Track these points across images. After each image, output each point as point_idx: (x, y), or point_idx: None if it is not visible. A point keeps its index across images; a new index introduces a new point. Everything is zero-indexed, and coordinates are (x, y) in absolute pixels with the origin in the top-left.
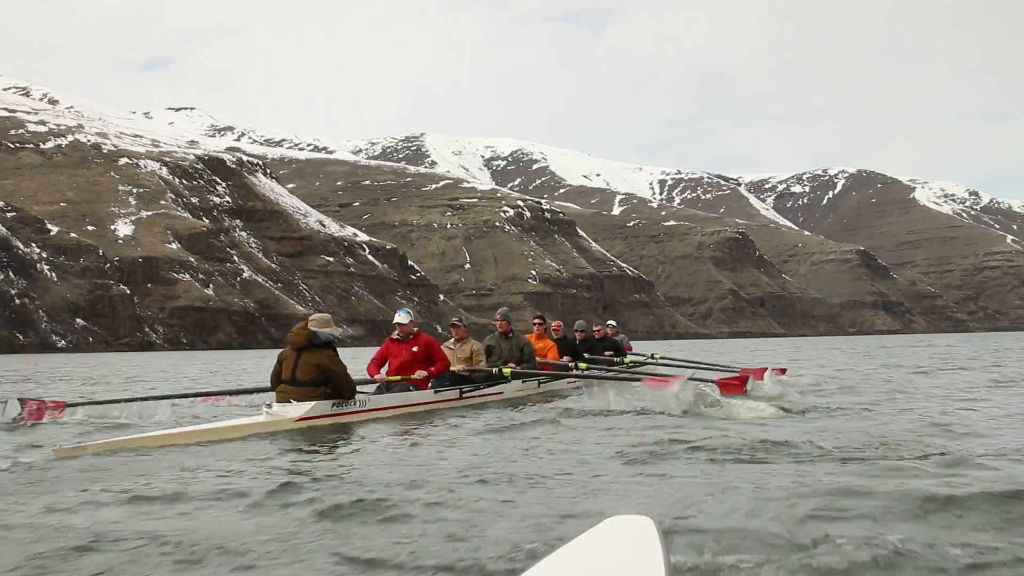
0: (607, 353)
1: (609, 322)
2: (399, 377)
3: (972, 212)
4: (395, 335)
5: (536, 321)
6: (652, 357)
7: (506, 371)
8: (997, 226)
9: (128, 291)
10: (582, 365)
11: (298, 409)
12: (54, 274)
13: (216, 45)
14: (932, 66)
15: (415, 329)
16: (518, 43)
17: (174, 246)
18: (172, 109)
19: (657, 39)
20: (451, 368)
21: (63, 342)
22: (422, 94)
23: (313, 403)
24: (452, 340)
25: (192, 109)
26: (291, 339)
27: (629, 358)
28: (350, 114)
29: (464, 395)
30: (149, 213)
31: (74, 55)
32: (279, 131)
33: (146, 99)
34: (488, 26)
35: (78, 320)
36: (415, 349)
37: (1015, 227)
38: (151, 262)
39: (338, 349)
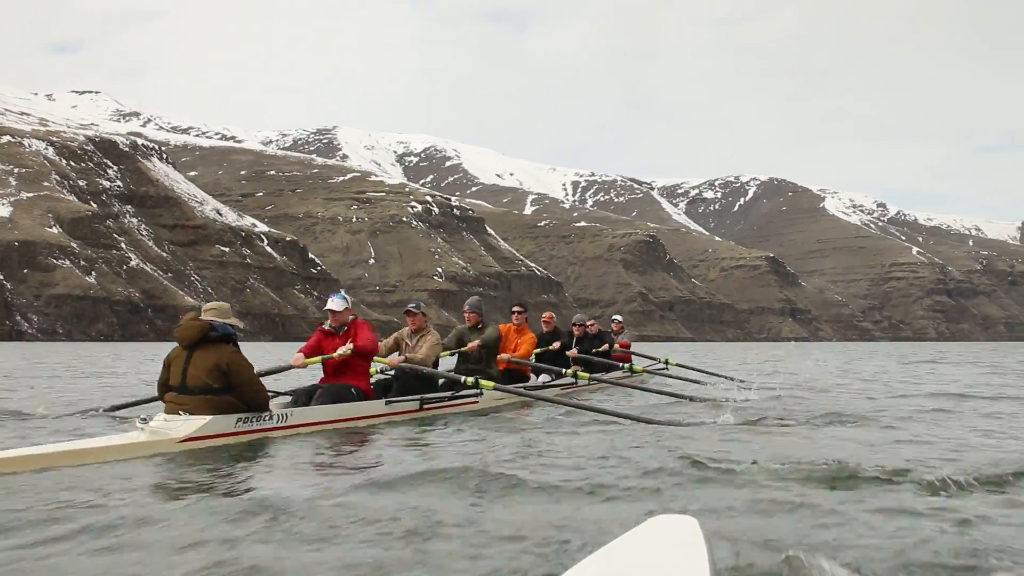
0: (595, 351)
1: (615, 317)
2: (319, 358)
3: (880, 223)
4: (327, 325)
5: (516, 310)
6: (666, 363)
7: (485, 383)
8: (903, 238)
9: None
10: (583, 375)
11: (187, 426)
12: None
13: (133, 31)
14: (845, 82)
15: (352, 318)
16: (439, 41)
17: (55, 230)
18: (76, 92)
19: (577, 42)
20: (401, 363)
21: None
22: (340, 89)
23: (209, 418)
24: (407, 331)
25: (97, 93)
26: (179, 334)
27: (638, 364)
28: (265, 106)
29: (426, 406)
30: (30, 195)
31: None
32: (188, 119)
33: (55, 82)
34: (410, 23)
35: None
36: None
37: (920, 239)
38: (28, 246)
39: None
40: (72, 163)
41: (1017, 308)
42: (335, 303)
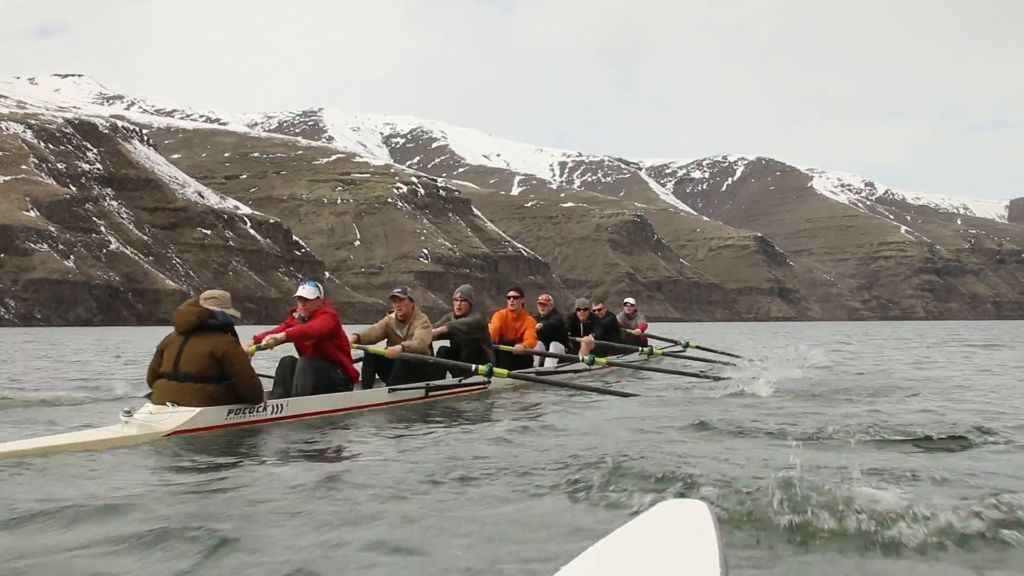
0: (593, 333)
1: (627, 300)
2: (254, 347)
3: (868, 202)
4: (296, 314)
5: (512, 295)
6: (685, 346)
7: (499, 371)
8: (891, 217)
9: None
10: (600, 360)
11: (175, 418)
12: None
13: (118, 14)
14: (833, 61)
15: (322, 306)
16: (425, 21)
17: (32, 214)
18: (59, 76)
19: (564, 23)
20: (399, 354)
21: None
22: (326, 70)
23: (199, 410)
24: (394, 318)
25: (80, 76)
26: (177, 319)
27: (657, 348)
28: (252, 88)
29: (432, 393)
30: (7, 178)
31: None
32: (172, 102)
33: (39, 66)
34: (396, 3)
35: None
36: None
37: (908, 218)
38: (5, 231)
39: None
40: (51, 146)
41: (1005, 287)
42: (306, 290)
